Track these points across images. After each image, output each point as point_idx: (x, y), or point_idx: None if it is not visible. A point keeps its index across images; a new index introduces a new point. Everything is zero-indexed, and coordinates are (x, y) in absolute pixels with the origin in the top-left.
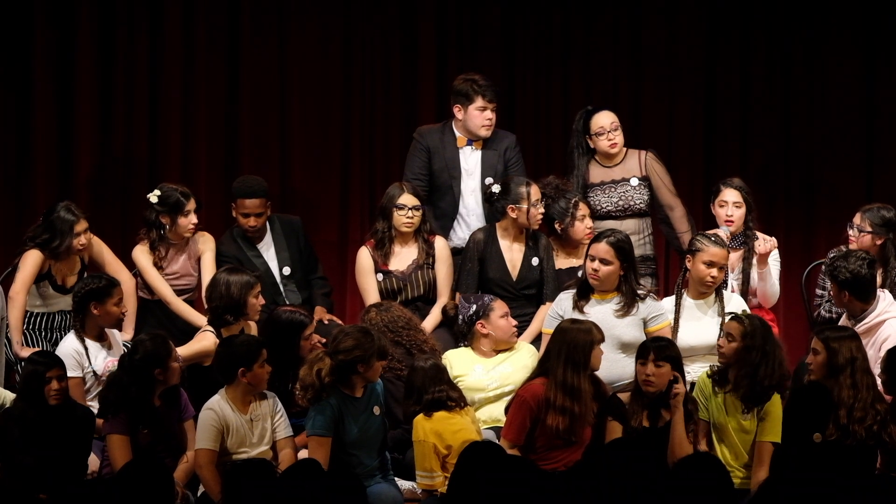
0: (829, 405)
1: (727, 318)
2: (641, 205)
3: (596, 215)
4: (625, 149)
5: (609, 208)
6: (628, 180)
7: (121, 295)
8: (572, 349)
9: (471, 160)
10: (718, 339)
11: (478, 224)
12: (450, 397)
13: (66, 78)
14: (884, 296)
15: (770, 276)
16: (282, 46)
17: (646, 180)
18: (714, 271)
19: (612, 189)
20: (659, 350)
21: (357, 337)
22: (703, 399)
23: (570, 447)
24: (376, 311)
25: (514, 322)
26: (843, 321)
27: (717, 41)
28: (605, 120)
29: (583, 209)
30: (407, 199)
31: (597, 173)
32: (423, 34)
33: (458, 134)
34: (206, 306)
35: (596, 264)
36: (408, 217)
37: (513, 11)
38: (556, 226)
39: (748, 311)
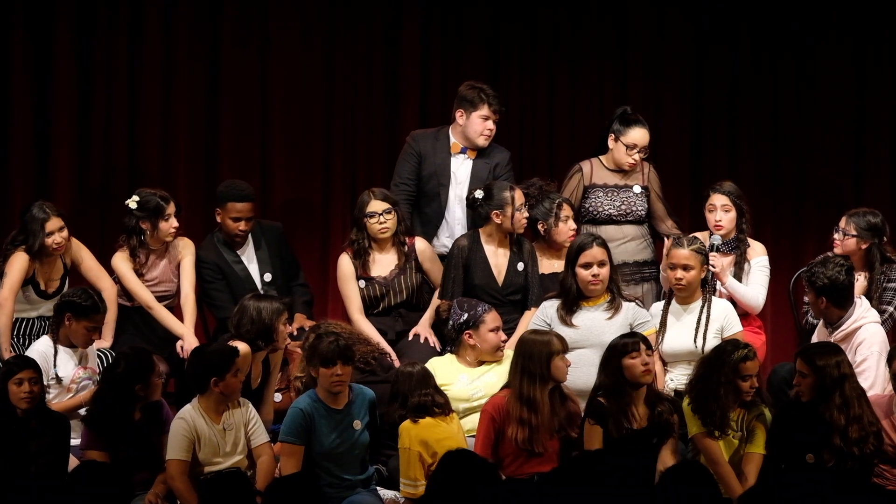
0: (820, 427)
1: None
2: (642, 211)
3: (596, 218)
4: None
5: (611, 212)
6: (631, 187)
7: (98, 323)
8: (528, 360)
9: (462, 169)
10: None
11: (462, 233)
12: (436, 403)
13: (43, 84)
14: (860, 302)
15: (737, 289)
16: (263, 51)
17: (646, 189)
18: (678, 272)
19: (615, 193)
20: (646, 340)
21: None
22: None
23: (535, 458)
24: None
25: (504, 337)
26: (819, 328)
27: (706, 46)
28: (641, 139)
29: (566, 210)
30: (376, 205)
31: (600, 174)
32: (406, 38)
33: (453, 140)
34: (231, 332)
35: (595, 269)
36: (380, 223)
37: (498, 16)
38: (540, 227)
39: (735, 316)
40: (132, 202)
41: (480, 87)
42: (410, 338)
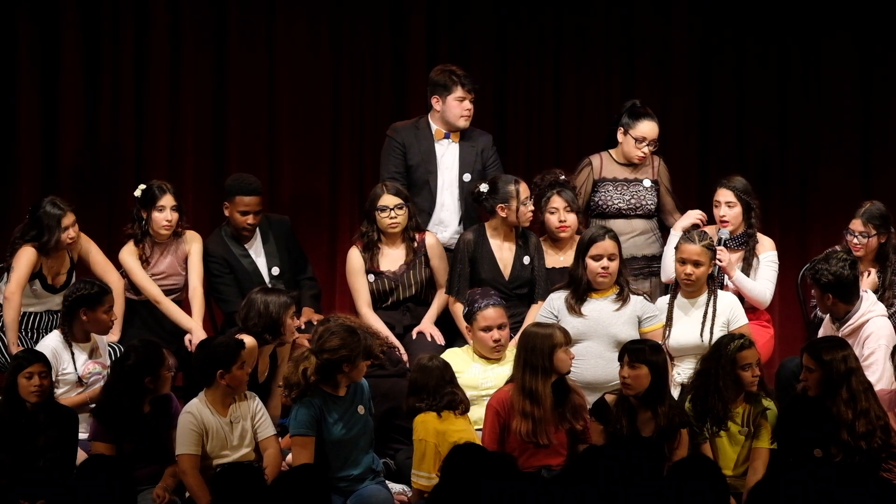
0: (827, 421)
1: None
2: (651, 205)
3: (605, 212)
4: None
5: (621, 206)
6: (641, 181)
7: (112, 303)
8: (531, 353)
9: (448, 154)
10: None
11: (453, 219)
12: (456, 401)
13: (51, 75)
14: (866, 296)
15: (744, 283)
16: (269, 45)
17: (656, 183)
18: (688, 268)
19: (625, 187)
20: (633, 352)
21: (343, 336)
22: None
23: (542, 450)
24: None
25: (496, 336)
26: (826, 323)
27: (711, 40)
28: (650, 132)
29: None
30: (388, 199)
31: (610, 168)
32: (412, 33)
33: (434, 127)
34: (239, 325)
35: (605, 262)
36: (391, 217)
37: (504, 10)
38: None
39: (740, 309)
40: (138, 191)
41: (451, 70)
42: (415, 336)
